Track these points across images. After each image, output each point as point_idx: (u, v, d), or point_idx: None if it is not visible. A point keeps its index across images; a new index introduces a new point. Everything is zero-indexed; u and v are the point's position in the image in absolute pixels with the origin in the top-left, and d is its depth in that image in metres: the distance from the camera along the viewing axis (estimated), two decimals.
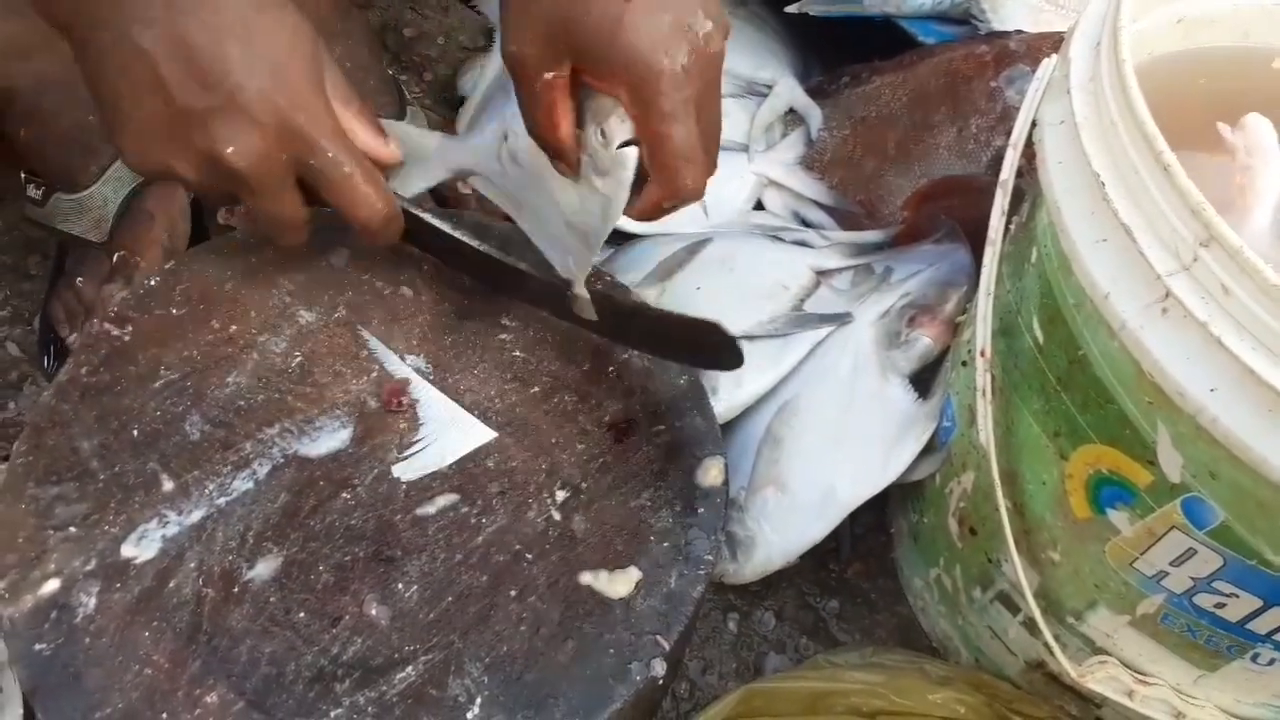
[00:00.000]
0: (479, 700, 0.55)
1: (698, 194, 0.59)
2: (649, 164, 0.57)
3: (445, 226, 0.66)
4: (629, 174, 0.58)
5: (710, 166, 0.60)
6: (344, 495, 0.62)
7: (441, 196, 0.92)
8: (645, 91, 0.54)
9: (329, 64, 0.59)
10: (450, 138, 0.73)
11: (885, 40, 0.99)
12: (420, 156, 0.71)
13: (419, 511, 0.62)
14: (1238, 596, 0.55)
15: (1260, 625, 0.56)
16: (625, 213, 0.61)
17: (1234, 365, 0.45)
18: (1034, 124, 0.59)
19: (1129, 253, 0.49)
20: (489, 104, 0.72)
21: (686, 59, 0.54)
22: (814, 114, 0.99)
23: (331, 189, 0.58)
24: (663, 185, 0.58)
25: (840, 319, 0.82)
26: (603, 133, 0.57)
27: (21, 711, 0.61)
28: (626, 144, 0.57)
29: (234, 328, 0.67)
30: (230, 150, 0.54)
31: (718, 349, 0.63)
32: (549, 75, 0.56)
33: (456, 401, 0.66)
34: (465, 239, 0.66)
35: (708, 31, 0.55)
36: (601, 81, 0.56)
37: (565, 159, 0.60)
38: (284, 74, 0.55)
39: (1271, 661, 0.58)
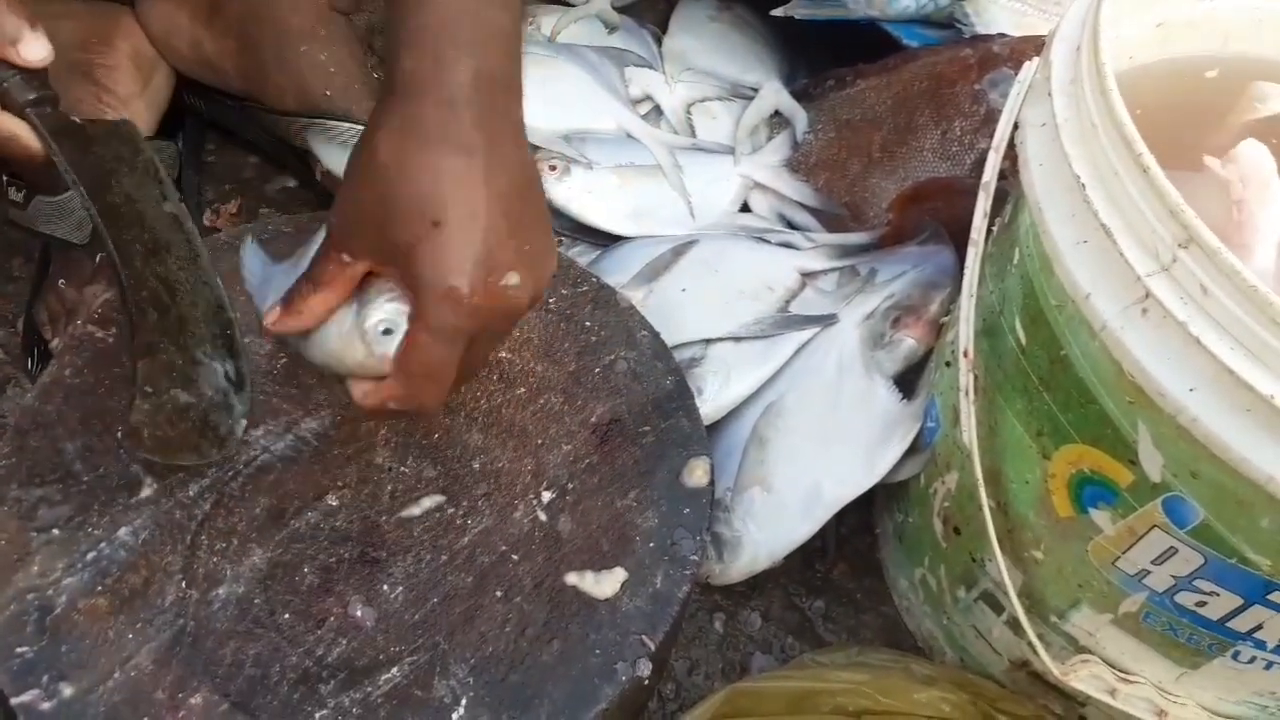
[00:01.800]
0: (464, 701, 0.55)
1: (428, 410, 0.57)
2: (396, 361, 0.54)
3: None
4: (383, 349, 0.55)
5: (446, 395, 0.56)
6: (329, 497, 0.62)
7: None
8: (422, 298, 0.52)
9: None
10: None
11: (870, 44, 1.00)
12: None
13: (404, 513, 0.62)
14: (1218, 595, 0.55)
15: (1241, 623, 0.56)
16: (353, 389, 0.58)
17: (1213, 365, 0.46)
18: (1016, 126, 0.60)
19: (1109, 254, 0.50)
20: None
21: (479, 295, 0.52)
22: (799, 117, 0.99)
23: None
24: (399, 385, 0.55)
25: (825, 320, 0.83)
26: (366, 308, 0.55)
27: (2, 714, 0.61)
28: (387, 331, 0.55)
29: None
30: None
31: None
32: (347, 259, 0.54)
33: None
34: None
35: (514, 285, 0.53)
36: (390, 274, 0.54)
37: (301, 324, 0.55)
38: None
39: (1252, 659, 0.59)
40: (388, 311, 0.54)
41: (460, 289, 0.52)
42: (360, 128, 0.91)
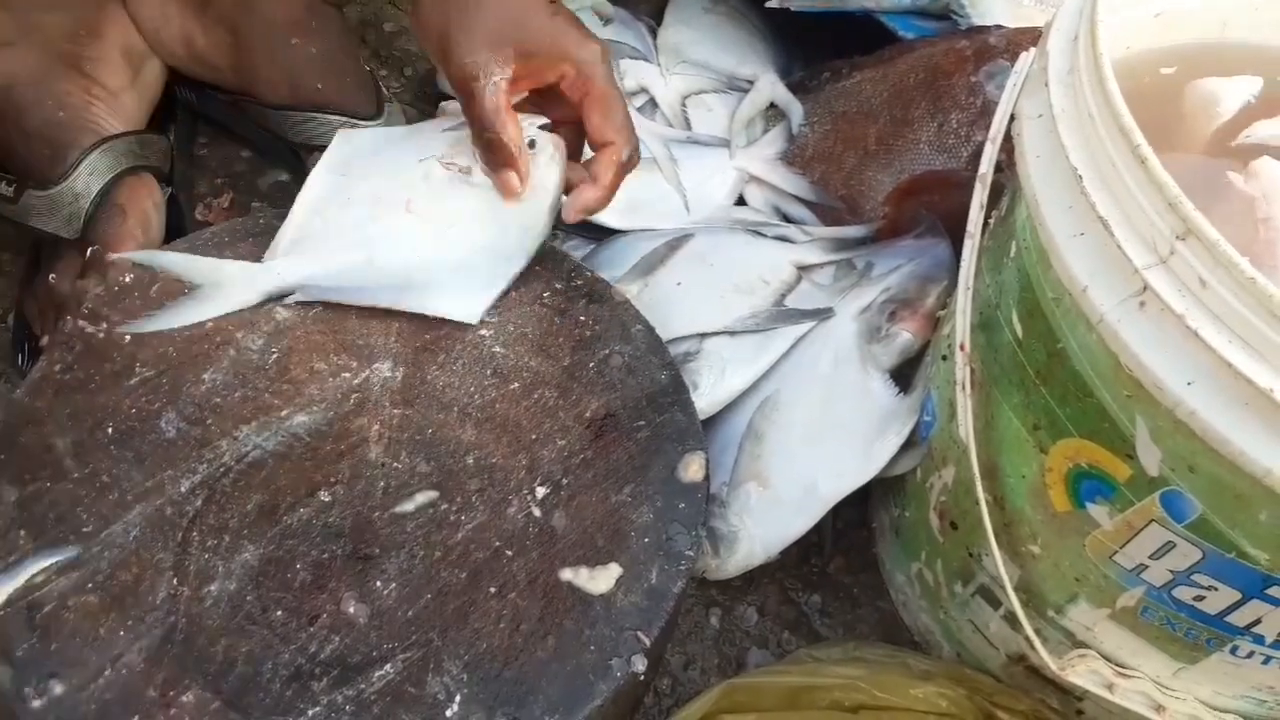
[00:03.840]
0: (458, 698, 0.54)
1: (637, 149, 0.72)
2: (598, 132, 0.70)
3: None
4: (561, 154, 0.71)
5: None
6: (321, 493, 0.61)
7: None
8: (588, 69, 0.68)
9: None
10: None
11: (866, 36, 1.00)
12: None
13: (397, 509, 0.61)
14: (1216, 589, 0.55)
15: (1239, 618, 0.56)
16: (593, 204, 0.71)
17: (1211, 358, 0.45)
18: (1013, 118, 0.59)
19: (1107, 246, 0.49)
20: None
21: (601, 49, 0.70)
22: (795, 109, 0.99)
23: None
24: (622, 140, 0.71)
25: (821, 314, 0.82)
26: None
27: None
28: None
29: (210, 324, 0.67)
30: None
31: None
32: (497, 78, 0.66)
33: (435, 398, 0.66)
34: None
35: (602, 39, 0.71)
36: (545, 73, 0.69)
37: (515, 162, 0.69)
38: None
39: (1250, 654, 0.58)
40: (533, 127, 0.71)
41: (601, 49, 0.70)
42: (354, 121, 0.91)
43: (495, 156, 0.69)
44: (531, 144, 0.70)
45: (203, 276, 0.68)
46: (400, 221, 0.70)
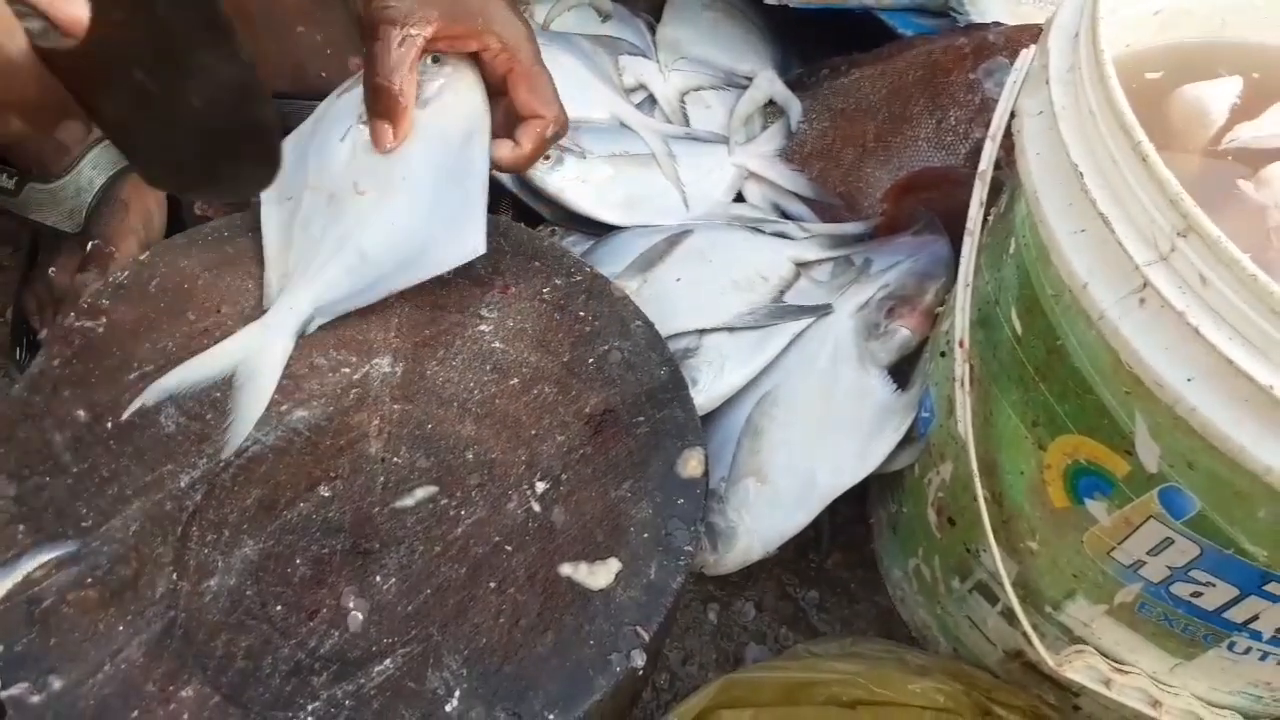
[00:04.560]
0: (458, 693, 0.54)
1: (564, 125, 0.73)
2: (525, 106, 0.71)
3: None
4: (476, 74, 0.71)
5: None
6: (321, 488, 0.61)
7: None
8: (514, 45, 0.70)
9: None
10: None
11: (864, 33, 1.00)
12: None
13: (397, 504, 0.61)
14: (1214, 586, 0.55)
15: (1236, 614, 0.56)
16: (509, 160, 0.71)
17: (1211, 355, 0.46)
18: (1012, 115, 0.59)
19: (1107, 243, 0.49)
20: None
21: (527, 29, 0.71)
22: (793, 106, 0.99)
23: None
24: (550, 113, 0.72)
25: (820, 310, 0.82)
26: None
27: None
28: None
29: (209, 319, 0.67)
30: None
31: None
32: (415, 32, 0.66)
33: (435, 394, 0.66)
34: None
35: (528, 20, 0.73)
36: (467, 40, 0.69)
37: (398, 116, 0.67)
38: None
39: (1247, 650, 0.59)
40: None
41: (528, 29, 0.71)
42: None
43: (379, 104, 0.67)
44: (437, 59, 0.70)
45: (230, 361, 0.65)
46: (359, 205, 0.67)
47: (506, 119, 0.72)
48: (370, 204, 0.67)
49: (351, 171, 0.68)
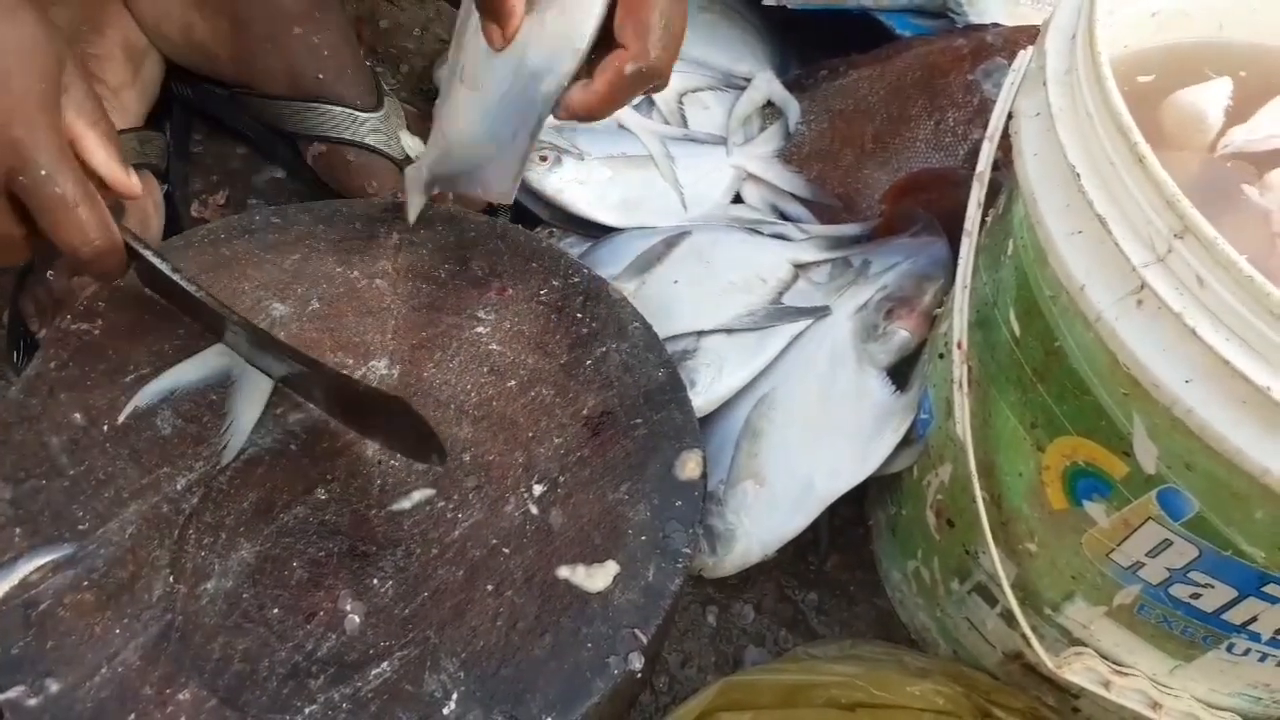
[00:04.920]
0: (455, 696, 0.54)
1: (663, 71, 0.61)
2: (617, 30, 0.59)
3: (168, 270, 0.62)
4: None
5: (674, 54, 0.61)
6: (318, 490, 0.61)
7: None
8: None
9: (76, 80, 0.57)
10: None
11: (862, 34, 1.00)
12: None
13: (394, 506, 0.61)
14: (1213, 587, 0.55)
15: (1235, 616, 0.56)
16: (578, 102, 0.62)
17: (1209, 356, 0.45)
18: (1010, 116, 0.59)
19: (1104, 244, 0.49)
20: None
21: None
22: (792, 107, 0.99)
23: (40, 208, 0.55)
24: (636, 48, 0.59)
25: (818, 312, 0.82)
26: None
27: None
28: None
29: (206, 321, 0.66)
30: None
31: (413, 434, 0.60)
32: None
33: (432, 396, 0.66)
34: (190, 288, 0.62)
35: None
36: None
37: (504, 14, 0.60)
38: (6, 81, 0.53)
39: (1246, 651, 0.58)
40: None
41: None
42: (354, 112, 0.91)
43: (487, 3, 0.60)
44: None
45: (227, 361, 0.65)
46: (457, 95, 0.66)
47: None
48: (462, 97, 0.66)
49: (467, 57, 0.65)
